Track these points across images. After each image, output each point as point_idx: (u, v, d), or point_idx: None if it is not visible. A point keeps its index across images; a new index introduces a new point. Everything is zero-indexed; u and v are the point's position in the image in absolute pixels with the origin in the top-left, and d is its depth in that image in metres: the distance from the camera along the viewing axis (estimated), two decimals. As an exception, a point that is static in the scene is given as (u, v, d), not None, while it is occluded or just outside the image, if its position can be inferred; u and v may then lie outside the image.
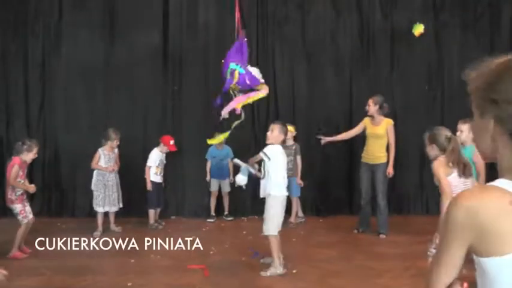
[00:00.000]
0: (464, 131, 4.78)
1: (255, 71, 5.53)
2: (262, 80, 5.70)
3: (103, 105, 7.32)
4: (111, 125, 6.69)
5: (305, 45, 7.48)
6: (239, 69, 5.24)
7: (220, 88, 6.88)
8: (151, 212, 6.70)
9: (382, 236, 6.00)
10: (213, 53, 7.33)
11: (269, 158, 4.71)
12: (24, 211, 5.36)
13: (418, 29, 6.79)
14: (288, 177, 6.69)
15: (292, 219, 6.77)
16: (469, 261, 1.14)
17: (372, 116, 6.16)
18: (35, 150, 5.46)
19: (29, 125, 7.25)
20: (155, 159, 6.71)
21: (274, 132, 4.81)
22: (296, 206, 6.85)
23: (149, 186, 6.69)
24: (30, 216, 5.42)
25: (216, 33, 7.35)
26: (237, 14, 5.92)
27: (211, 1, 7.37)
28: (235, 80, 5.09)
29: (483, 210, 1.07)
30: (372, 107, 6.12)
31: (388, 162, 6.12)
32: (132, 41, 7.21)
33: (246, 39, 5.58)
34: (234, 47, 5.62)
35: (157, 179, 6.76)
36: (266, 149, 4.77)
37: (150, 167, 6.70)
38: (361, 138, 6.49)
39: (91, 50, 7.27)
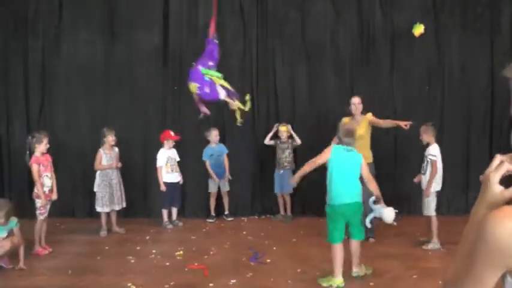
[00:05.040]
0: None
1: (220, 88, 5.42)
2: (223, 98, 5.56)
3: (103, 105, 7.32)
4: (111, 125, 6.69)
5: (305, 45, 7.47)
6: (205, 76, 5.36)
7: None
8: (163, 212, 6.76)
9: (372, 240, 5.82)
10: (213, 53, 7.34)
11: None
12: (44, 208, 5.48)
13: (418, 29, 6.77)
14: (287, 169, 6.99)
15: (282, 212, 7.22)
16: None
17: (351, 116, 6.04)
18: (44, 141, 5.54)
19: (29, 125, 7.24)
20: (161, 158, 6.75)
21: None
22: (289, 201, 7.17)
23: (162, 187, 6.73)
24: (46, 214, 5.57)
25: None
26: (215, 11, 5.85)
27: (212, 1, 7.35)
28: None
29: None
30: (361, 105, 6.02)
31: (373, 162, 5.78)
32: (132, 41, 7.22)
33: (216, 41, 5.61)
34: (206, 49, 5.63)
35: (171, 178, 6.78)
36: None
37: (159, 167, 6.74)
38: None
39: (91, 50, 7.27)
